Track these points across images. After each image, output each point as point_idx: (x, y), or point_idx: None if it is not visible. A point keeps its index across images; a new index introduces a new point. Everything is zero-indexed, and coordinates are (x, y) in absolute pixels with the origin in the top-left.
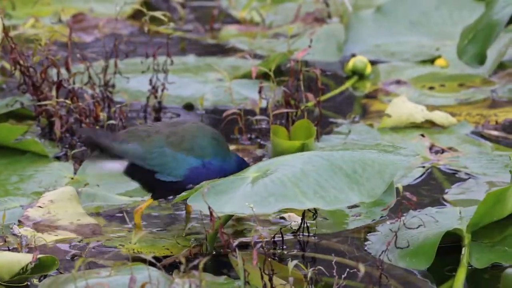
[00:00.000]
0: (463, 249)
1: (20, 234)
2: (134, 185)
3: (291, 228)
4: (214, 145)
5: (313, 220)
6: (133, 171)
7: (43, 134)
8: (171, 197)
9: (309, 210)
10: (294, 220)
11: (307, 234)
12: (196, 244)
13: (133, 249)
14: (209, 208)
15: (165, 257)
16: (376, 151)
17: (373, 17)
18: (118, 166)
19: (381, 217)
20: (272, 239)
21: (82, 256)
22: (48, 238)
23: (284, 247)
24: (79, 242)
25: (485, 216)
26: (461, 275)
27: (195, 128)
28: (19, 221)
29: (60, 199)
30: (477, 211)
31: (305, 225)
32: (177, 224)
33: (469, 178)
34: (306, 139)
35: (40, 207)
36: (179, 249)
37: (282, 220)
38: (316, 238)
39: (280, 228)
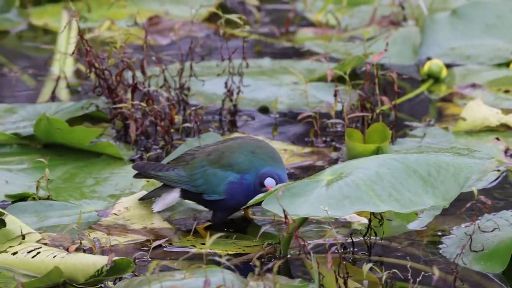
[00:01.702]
0: None
1: (94, 238)
2: None
3: (359, 230)
4: (251, 159)
5: (380, 225)
6: (187, 196)
7: (118, 137)
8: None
9: (374, 215)
10: (356, 219)
11: (374, 236)
12: (269, 247)
13: (207, 249)
14: (284, 211)
15: (237, 255)
16: (451, 154)
17: (449, 20)
18: (174, 196)
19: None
20: (345, 242)
21: (156, 259)
22: (122, 241)
23: (354, 249)
24: (152, 245)
25: None
26: None
27: (236, 144)
28: (92, 226)
29: (135, 206)
30: None
31: (372, 227)
32: (251, 228)
33: None
34: (381, 143)
35: (115, 214)
36: (254, 252)
37: (344, 220)
38: (384, 240)
39: (351, 233)
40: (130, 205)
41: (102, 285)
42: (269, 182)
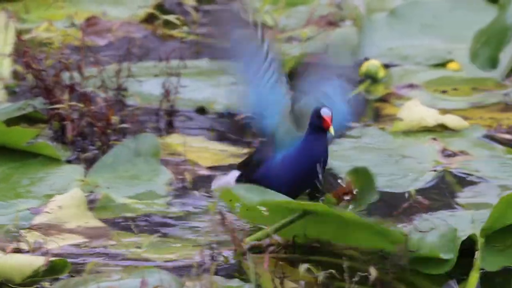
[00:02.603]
0: (476, 253)
1: (29, 238)
2: (144, 188)
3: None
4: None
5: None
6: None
7: (55, 138)
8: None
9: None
10: None
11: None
12: (207, 248)
13: (141, 253)
14: (221, 212)
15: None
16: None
17: (386, 20)
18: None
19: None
20: (283, 242)
21: (93, 259)
22: (57, 241)
23: (293, 250)
24: (88, 245)
25: (498, 220)
26: (473, 278)
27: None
28: (27, 226)
29: (68, 205)
30: (491, 215)
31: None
32: (190, 232)
33: (481, 181)
34: None
35: (48, 212)
36: (190, 253)
37: None
38: (323, 241)
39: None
40: (63, 203)
41: (39, 286)
42: (325, 111)
